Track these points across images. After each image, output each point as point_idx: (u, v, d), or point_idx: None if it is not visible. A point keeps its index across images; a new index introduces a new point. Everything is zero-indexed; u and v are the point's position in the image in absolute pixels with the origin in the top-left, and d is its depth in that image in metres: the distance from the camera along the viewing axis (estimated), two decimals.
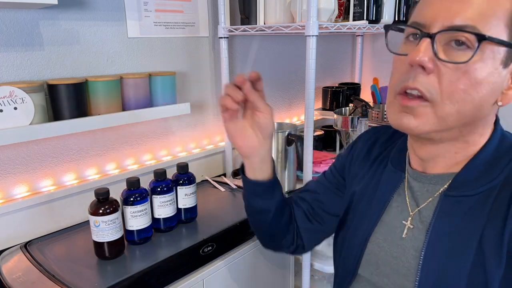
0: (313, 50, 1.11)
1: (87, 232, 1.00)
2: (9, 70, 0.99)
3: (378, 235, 0.69)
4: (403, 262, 0.64)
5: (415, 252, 0.62)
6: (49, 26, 1.04)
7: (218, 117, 1.53)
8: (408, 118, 0.57)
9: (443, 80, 0.53)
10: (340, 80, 2.13)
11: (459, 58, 0.52)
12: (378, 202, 0.70)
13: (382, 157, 0.75)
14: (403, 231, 0.65)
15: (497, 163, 0.59)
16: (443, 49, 0.53)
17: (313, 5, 1.08)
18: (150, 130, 1.32)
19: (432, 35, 0.53)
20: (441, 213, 0.61)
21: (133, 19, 1.20)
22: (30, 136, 0.96)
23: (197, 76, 1.43)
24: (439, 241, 0.60)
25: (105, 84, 1.09)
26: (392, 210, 0.68)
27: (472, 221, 0.58)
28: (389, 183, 0.70)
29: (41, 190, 1.09)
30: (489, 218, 0.57)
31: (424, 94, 0.54)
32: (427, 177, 0.65)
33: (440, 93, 0.54)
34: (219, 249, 1.02)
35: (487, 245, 0.55)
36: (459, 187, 0.60)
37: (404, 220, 0.66)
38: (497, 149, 0.60)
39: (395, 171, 0.71)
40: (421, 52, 0.53)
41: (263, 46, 1.65)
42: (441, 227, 0.60)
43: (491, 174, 0.59)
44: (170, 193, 1.01)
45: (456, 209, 0.60)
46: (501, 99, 0.57)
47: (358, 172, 0.78)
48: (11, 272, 0.86)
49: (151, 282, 0.87)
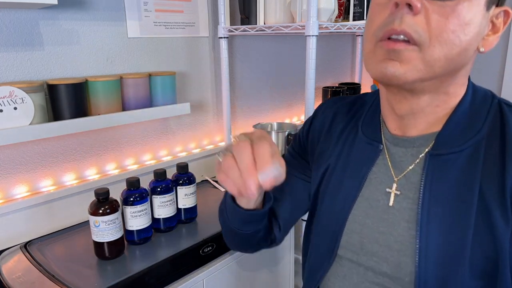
0: (313, 50, 1.11)
1: (87, 232, 1.00)
2: (9, 70, 0.99)
3: (357, 212, 0.63)
4: (395, 237, 0.58)
5: (407, 223, 0.57)
6: (49, 26, 1.04)
7: (218, 117, 1.53)
8: (393, 64, 0.51)
9: (431, 20, 0.50)
10: (340, 80, 2.13)
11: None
12: (353, 177, 0.65)
13: (349, 130, 0.69)
14: (388, 201, 0.60)
15: (477, 115, 0.57)
16: None
17: (313, 5, 1.08)
18: (150, 130, 1.32)
19: None
20: (429, 175, 0.56)
21: (133, 19, 1.20)
22: (30, 136, 0.96)
23: (197, 76, 1.43)
24: (433, 206, 0.55)
25: (105, 84, 1.09)
26: (371, 183, 0.63)
27: (467, 178, 0.54)
28: (364, 156, 0.65)
29: (41, 190, 1.09)
30: (483, 173, 0.54)
31: (412, 37, 0.50)
32: (409, 140, 0.60)
33: (429, 35, 0.50)
34: (219, 249, 1.02)
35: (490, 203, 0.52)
36: (445, 144, 0.57)
37: (388, 188, 0.61)
38: (473, 101, 0.59)
39: (370, 142, 0.65)
40: None
41: (263, 46, 1.65)
42: (434, 190, 0.56)
43: (474, 127, 0.57)
44: (170, 193, 1.01)
45: (446, 168, 0.56)
46: (483, 44, 0.54)
47: (323, 149, 0.71)
48: (11, 272, 0.86)
49: (151, 282, 0.87)
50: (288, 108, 1.86)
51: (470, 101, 0.58)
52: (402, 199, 0.59)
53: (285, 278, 1.29)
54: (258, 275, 1.17)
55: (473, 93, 0.59)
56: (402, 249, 0.57)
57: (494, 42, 0.55)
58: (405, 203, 0.59)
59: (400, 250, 0.57)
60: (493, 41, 0.55)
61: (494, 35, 0.55)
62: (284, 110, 1.85)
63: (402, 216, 0.58)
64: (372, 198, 0.62)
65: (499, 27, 0.55)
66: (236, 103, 1.60)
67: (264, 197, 0.67)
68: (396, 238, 0.58)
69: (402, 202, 0.59)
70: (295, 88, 1.86)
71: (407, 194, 0.59)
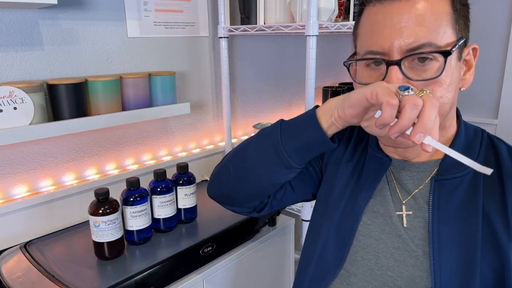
0: (313, 50, 1.11)
1: (87, 232, 1.00)
2: (9, 70, 0.99)
3: (373, 227, 0.66)
4: (409, 253, 0.62)
5: (419, 241, 0.62)
6: (49, 26, 1.04)
7: (218, 117, 1.53)
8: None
9: None
10: (340, 80, 2.13)
11: (427, 73, 0.57)
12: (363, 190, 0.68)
13: (364, 144, 0.73)
14: (402, 220, 0.65)
15: (473, 145, 0.65)
16: (409, 68, 0.58)
17: (313, 5, 1.08)
18: (150, 130, 1.32)
19: (398, 62, 0.57)
20: (437, 197, 0.62)
21: (133, 19, 1.20)
22: (30, 136, 0.96)
23: (197, 76, 1.43)
24: (443, 226, 0.61)
25: (105, 84, 1.09)
26: (382, 200, 0.67)
27: (470, 200, 0.61)
28: (373, 170, 0.69)
29: (41, 190, 1.09)
30: (485, 195, 0.60)
31: None
32: (415, 165, 0.66)
33: None
34: (219, 249, 1.02)
35: (494, 221, 0.58)
36: (448, 170, 0.63)
37: (398, 211, 0.65)
38: (467, 134, 0.66)
39: (380, 157, 0.68)
40: (395, 81, 0.56)
41: (263, 46, 1.65)
42: (442, 212, 0.61)
43: (472, 155, 0.63)
44: (170, 193, 1.01)
45: (451, 192, 0.62)
46: (463, 84, 0.64)
47: (340, 157, 0.73)
48: (11, 272, 0.86)
49: (151, 282, 0.87)
50: (288, 108, 1.86)
51: (465, 133, 0.66)
52: (413, 218, 0.64)
53: (285, 278, 1.29)
54: (258, 275, 1.17)
55: (465, 128, 0.67)
56: (416, 264, 0.61)
57: (471, 78, 0.64)
58: (416, 222, 0.64)
59: (415, 265, 0.61)
60: (470, 78, 0.64)
61: (469, 71, 0.64)
62: (284, 110, 1.85)
63: (415, 234, 0.63)
64: (385, 214, 0.66)
65: (472, 63, 0.64)
66: (236, 103, 1.60)
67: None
68: (411, 254, 0.62)
69: (413, 221, 0.64)
70: (295, 88, 1.86)
71: (417, 214, 0.64)
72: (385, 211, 0.66)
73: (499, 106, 1.92)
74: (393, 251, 0.64)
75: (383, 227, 0.66)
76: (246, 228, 1.09)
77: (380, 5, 0.59)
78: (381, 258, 0.64)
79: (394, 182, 0.68)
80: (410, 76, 0.57)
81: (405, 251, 0.63)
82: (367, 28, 0.61)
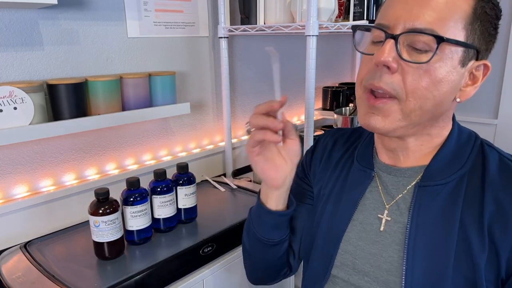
0: (313, 50, 1.11)
1: (87, 232, 1.00)
2: (9, 70, 0.99)
3: (351, 235, 0.69)
4: (385, 258, 0.64)
5: (396, 246, 0.63)
6: (49, 26, 1.04)
7: (218, 117, 1.53)
8: (375, 118, 0.60)
9: (406, 78, 0.57)
10: (340, 80, 2.13)
11: (421, 59, 0.56)
12: (348, 201, 0.71)
13: (346, 158, 0.76)
14: (380, 225, 0.66)
15: (462, 152, 0.64)
16: (406, 50, 0.57)
17: (313, 5, 1.08)
18: (150, 130, 1.32)
19: (396, 36, 0.57)
20: (418, 204, 0.63)
21: (133, 19, 1.20)
22: (30, 136, 0.96)
23: (197, 76, 1.43)
24: (420, 232, 0.61)
25: (105, 84, 1.09)
26: (365, 208, 0.69)
27: (450, 208, 0.61)
28: (358, 182, 0.71)
29: (41, 190, 1.09)
30: (464, 204, 0.60)
31: (389, 92, 0.58)
32: (401, 170, 0.67)
33: (405, 91, 0.57)
34: (219, 249, 1.02)
35: (469, 230, 0.58)
36: (432, 177, 0.63)
37: (380, 214, 0.67)
38: (458, 140, 0.65)
39: (363, 169, 0.71)
40: (386, 53, 0.56)
41: (263, 46, 1.65)
42: (421, 218, 0.62)
43: (459, 163, 0.63)
44: (170, 193, 1.01)
45: (432, 198, 0.62)
46: (459, 95, 0.61)
47: (322, 175, 0.79)
48: (11, 272, 0.86)
49: (151, 282, 0.87)
50: (288, 108, 1.86)
51: (456, 140, 0.65)
52: (393, 224, 0.65)
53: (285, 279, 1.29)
54: None
55: (458, 133, 0.66)
56: (391, 270, 0.63)
57: (471, 92, 0.61)
58: (396, 227, 0.65)
59: (389, 270, 0.63)
60: (471, 92, 0.61)
61: (473, 85, 0.61)
62: (284, 110, 1.84)
63: (393, 239, 0.64)
64: (365, 222, 0.68)
65: (478, 78, 0.61)
66: (236, 103, 1.60)
67: (288, 202, 0.75)
68: (386, 259, 0.64)
69: (392, 226, 0.65)
70: (295, 88, 1.86)
71: (397, 219, 0.65)
72: (365, 218, 0.68)
73: (499, 106, 1.92)
74: (369, 257, 0.66)
75: (361, 234, 0.68)
76: None
77: None
78: (358, 264, 0.67)
79: (380, 187, 0.69)
80: (403, 55, 0.56)
81: (380, 256, 0.65)
82: (386, 3, 0.62)
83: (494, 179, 0.60)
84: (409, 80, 0.57)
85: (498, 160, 0.62)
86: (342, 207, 0.71)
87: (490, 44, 0.60)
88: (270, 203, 0.73)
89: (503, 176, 0.60)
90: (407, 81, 0.57)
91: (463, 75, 0.59)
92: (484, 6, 0.57)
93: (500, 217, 0.58)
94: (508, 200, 0.58)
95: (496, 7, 0.59)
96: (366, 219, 0.68)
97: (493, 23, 0.59)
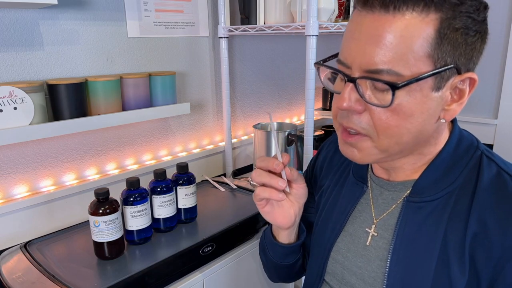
0: (313, 50, 1.11)
1: (87, 232, 1.00)
2: (9, 70, 0.99)
3: (341, 245, 0.70)
4: (369, 272, 0.64)
5: (380, 261, 0.63)
6: (49, 26, 1.04)
7: (218, 117, 1.53)
8: (351, 150, 0.59)
9: (374, 118, 0.54)
10: None
11: (385, 99, 0.52)
12: (340, 212, 0.72)
13: (344, 167, 0.77)
14: (367, 239, 0.66)
15: (454, 168, 0.60)
16: (370, 88, 0.53)
17: (313, 5, 1.08)
18: (150, 130, 1.32)
19: (354, 79, 0.53)
20: (404, 220, 0.61)
21: (133, 19, 1.20)
22: (30, 136, 0.96)
23: (197, 76, 1.43)
24: (403, 249, 0.60)
25: (105, 84, 1.09)
26: (356, 221, 0.69)
27: (433, 226, 0.58)
28: (350, 194, 0.72)
29: (41, 190, 1.09)
30: (449, 222, 0.57)
31: (360, 132, 0.56)
32: (392, 184, 0.66)
33: (376, 130, 0.55)
34: (219, 249, 1.02)
35: (451, 252, 0.56)
36: (419, 193, 0.61)
37: (367, 228, 0.67)
38: (454, 153, 0.61)
39: (356, 182, 0.72)
40: (347, 99, 0.54)
41: (263, 46, 1.65)
42: (405, 235, 0.60)
43: (448, 179, 0.59)
44: (170, 193, 1.01)
45: (417, 215, 0.60)
46: (444, 115, 0.56)
47: (323, 183, 0.80)
48: (11, 272, 0.86)
49: (151, 282, 0.87)
50: (288, 108, 1.86)
51: (451, 151, 0.61)
52: (379, 239, 0.65)
53: None
54: (258, 275, 1.17)
55: (457, 142, 0.61)
56: (374, 284, 0.63)
57: (457, 110, 0.55)
58: (381, 242, 0.64)
59: (373, 284, 0.63)
60: (457, 109, 0.55)
61: (458, 101, 0.55)
62: (284, 110, 1.85)
63: (377, 255, 0.64)
64: (354, 234, 0.69)
65: (465, 91, 0.54)
66: (236, 103, 1.60)
67: (298, 230, 0.79)
68: (370, 274, 0.64)
69: (378, 241, 0.65)
70: (295, 88, 1.86)
71: (383, 235, 0.64)
72: (354, 231, 0.69)
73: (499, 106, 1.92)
74: (355, 269, 0.66)
75: (350, 245, 0.69)
76: (246, 228, 1.09)
77: (359, 12, 0.53)
78: (346, 274, 0.68)
79: (371, 201, 0.68)
80: (366, 96, 0.53)
81: (365, 270, 0.65)
82: (345, 33, 0.56)
83: (483, 198, 0.56)
84: (377, 120, 0.53)
85: (495, 176, 0.57)
86: (335, 216, 0.73)
87: (473, 52, 0.52)
88: (281, 238, 0.78)
89: (493, 195, 0.55)
90: (375, 121, 0.54)
91: (441, 97, 0.53)
92: (451, 23, 0.49)
93: (483, 240, 0.54)
94: (494, 222, 0.54)
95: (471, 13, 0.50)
96: (355, 232, 0.68)
97: (471, 31, 0.51)
